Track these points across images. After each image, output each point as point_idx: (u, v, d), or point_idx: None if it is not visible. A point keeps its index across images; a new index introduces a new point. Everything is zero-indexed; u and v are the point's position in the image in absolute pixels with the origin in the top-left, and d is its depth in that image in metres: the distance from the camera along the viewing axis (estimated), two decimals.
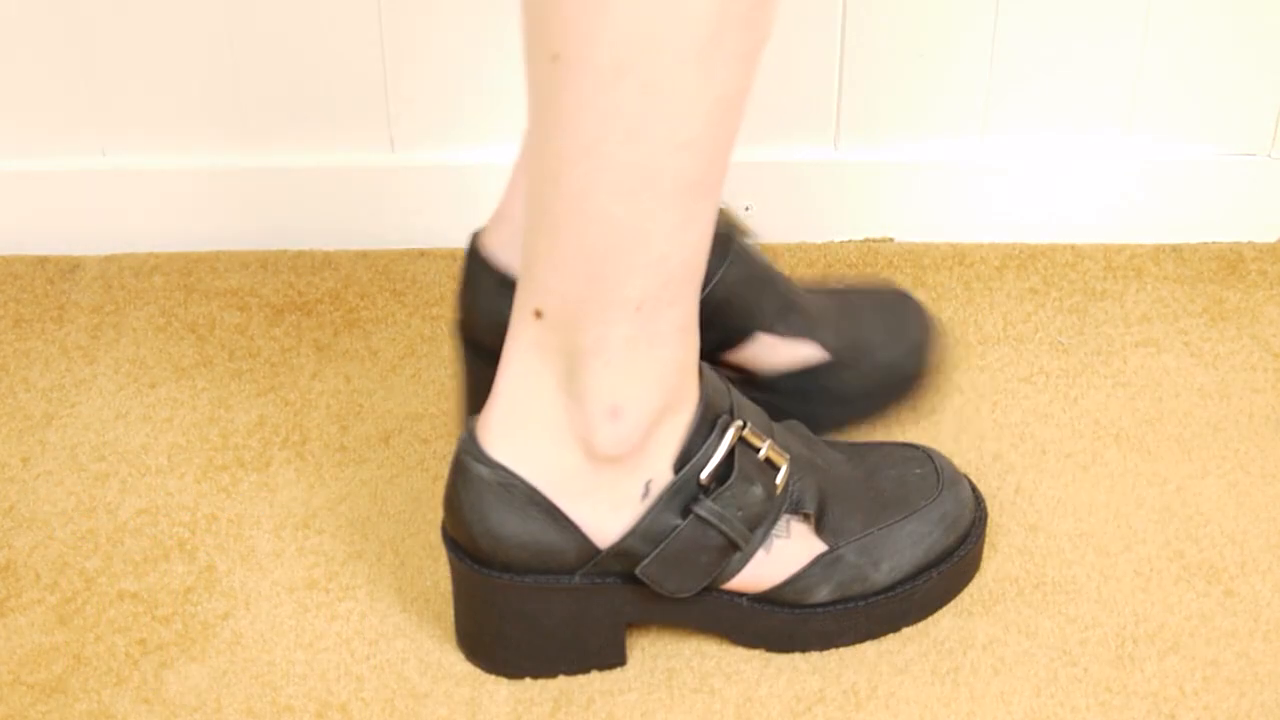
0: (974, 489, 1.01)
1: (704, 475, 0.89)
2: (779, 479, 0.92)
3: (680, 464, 0.90)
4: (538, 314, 0.85)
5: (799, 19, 0.99)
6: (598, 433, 0.87)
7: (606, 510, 0.90)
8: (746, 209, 1.27)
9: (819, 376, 1.06)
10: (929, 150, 1.27)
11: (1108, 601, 1.00)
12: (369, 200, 1.28)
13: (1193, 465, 1.09)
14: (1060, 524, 1.05)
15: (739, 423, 0.90)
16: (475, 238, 1.01)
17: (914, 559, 0.96)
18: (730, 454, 0.90)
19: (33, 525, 1.06)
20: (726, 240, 1.01)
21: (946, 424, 1.12)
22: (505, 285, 0.97)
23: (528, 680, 0.96)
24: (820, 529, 0.94)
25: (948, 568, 0.97)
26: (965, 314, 1.21)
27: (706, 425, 0.90)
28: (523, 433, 0.89)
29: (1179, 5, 1.21)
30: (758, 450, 0.91)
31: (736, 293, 1.02)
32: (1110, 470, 1.09)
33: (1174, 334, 1.19)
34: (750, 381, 1.05)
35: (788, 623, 0.95)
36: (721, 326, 1.02)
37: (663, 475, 0.90)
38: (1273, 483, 1.08)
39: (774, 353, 1.05)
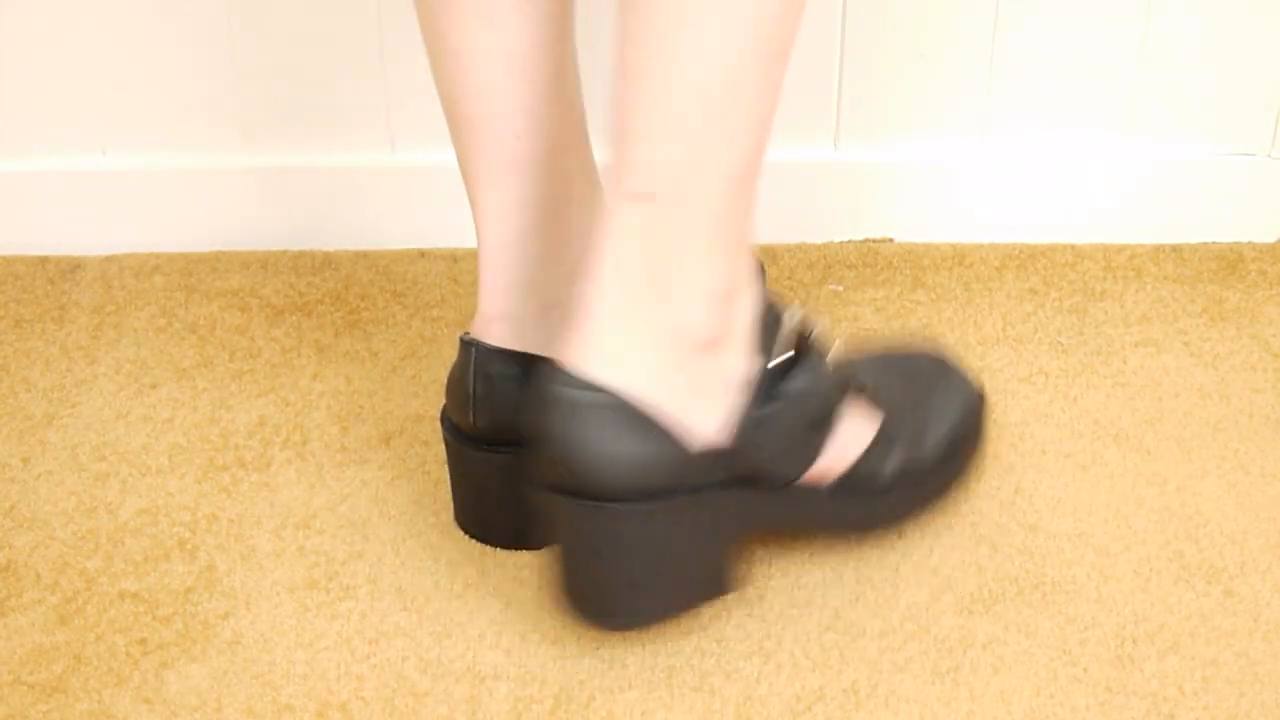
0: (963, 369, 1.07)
1: (784, 356, 0.91)
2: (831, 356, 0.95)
3: (756, 347, 0.91)
4: (646, 197, 0.84)
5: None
6: (704, 317, 0.87)
7: (702, 408, 0.90)
8: None
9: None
10: (929, 150, 1.27)
11: (1108, 601, 1.00)
12: (369, 200, 1.28)
13: (1192, 465, 1.09)
14: (1060, 524, 1.05)
15: (796, 302, 0.91)
16: (476, 342, 1.00)
17: (948, 432, 1.01)
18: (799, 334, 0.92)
19: (33, 525, 1.06)
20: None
21: None
22: (523, 366, 0.98)
23: (527, 679, 0.96)
24: (876, 400, 0.98)
25: (974, 437, 1.04)
26: (965, 314, 1.21)
27: (769, 306, 0.91)
28: (619, 342, 0.88)
29: (1179, 5, 1.21)
30: (810, 332, 0.93)
31: None
32: (1110, 470, 1.09)
33: (1174, 334, 1.19)
34: None
35: (864, 506, 0.98)
36: None
37: (742, 360, 0.90)
38: (1273, 483, 1.08)
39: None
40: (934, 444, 1.02)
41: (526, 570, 1.03)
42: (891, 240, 1.29)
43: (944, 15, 1.21)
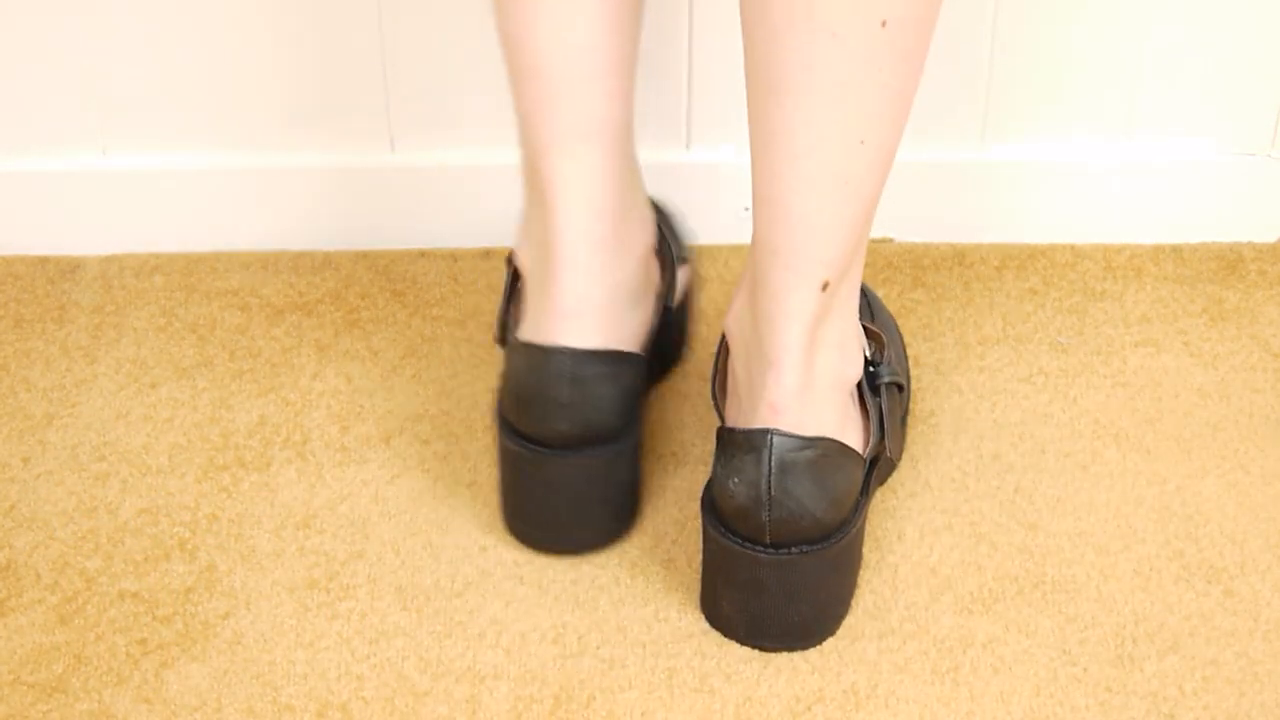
0: None
1: (870, 352, 1.00)
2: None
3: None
4: (825, 286, 0.92)
5: None
6: (859, 363, 0.98)
7: (857, 432, 0.98)
8: (746, 209, 1.27)
9: None
10: (929, 150, 1.27)
11: (1107, 601, 1.00)
12: (369, 200, 1.28)
13: (1192, 465, 1.09)
14: (1060, 523, 1.05)
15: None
16: (559, 346, 0.98)
17: (904, 373, 1.09)
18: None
19: (33, 525, 1.06)
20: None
21: (946, 424, 1.12)
22: (615, 365, 0.99)
23: (527, 679, 0.96)
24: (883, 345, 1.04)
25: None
26: (965, 314, 1.21)
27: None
28: (814, 398, 0.94)
29: (1179, 5, 1.21)
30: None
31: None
32: (1110, 470, 1.09)
33: (1173, 334, 1.19)
34: None
35: (885, 460, 1.03)
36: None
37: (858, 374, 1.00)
38: (1273, 483, 1.08)
39: None
40: (906, 392, 1.08)
41: (526, 570, 1.03)
42: (891, 240, 1.29)
43: (944, 16, 1.21)
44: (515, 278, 1.05)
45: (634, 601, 1.00)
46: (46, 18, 1.21)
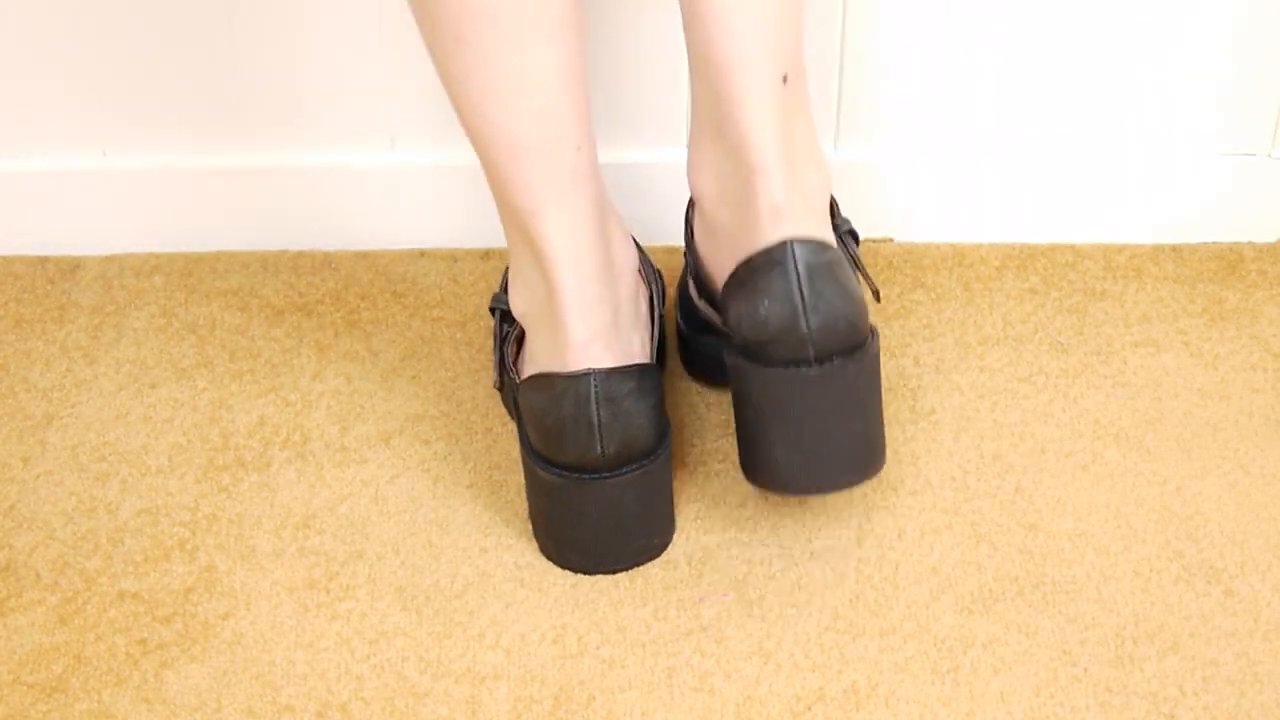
0: None
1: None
2: None
3: None
4: (785, 80, 0.94)
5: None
6: (826, 179, 1.00)
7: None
8: None
9: None
10: (929, 150, 1.27)
11: (1108, 601, 1.00)
12: (369, 200, 1.28)
13: (1192, 465, 1.09)
14: (1060, 524, 1.05)
15: None
16: (589, 371, 0.98)
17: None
18: None
19: (33, 525, 1.06)
20: None
21: (946, 424, 1.12)
22: (637, 378, 0.99)
23: (527, 679, 0.96)
24: None
25: None
26: (965, 314, 1.21)
27: None
28: (807, 204, 0.96)
29: (1179, 5, 1.21)
30: None
31: None
32: (1110, 470, 1.09)
33: (1173, 334, 1.19)
34: None
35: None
36: None
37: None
38: (1273, 483, 1.08)
39: None
40: None
41: (526, 571, 1.03)
42: (891, 240, 1.29)
43: (943, 16, 1.21)
44: (504, 321, 1.07)
45: (633, 601, 1.00)
46: (47, 18, 1.21)
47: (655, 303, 1.08)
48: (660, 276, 1.11)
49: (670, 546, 1.04)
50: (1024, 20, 1.21)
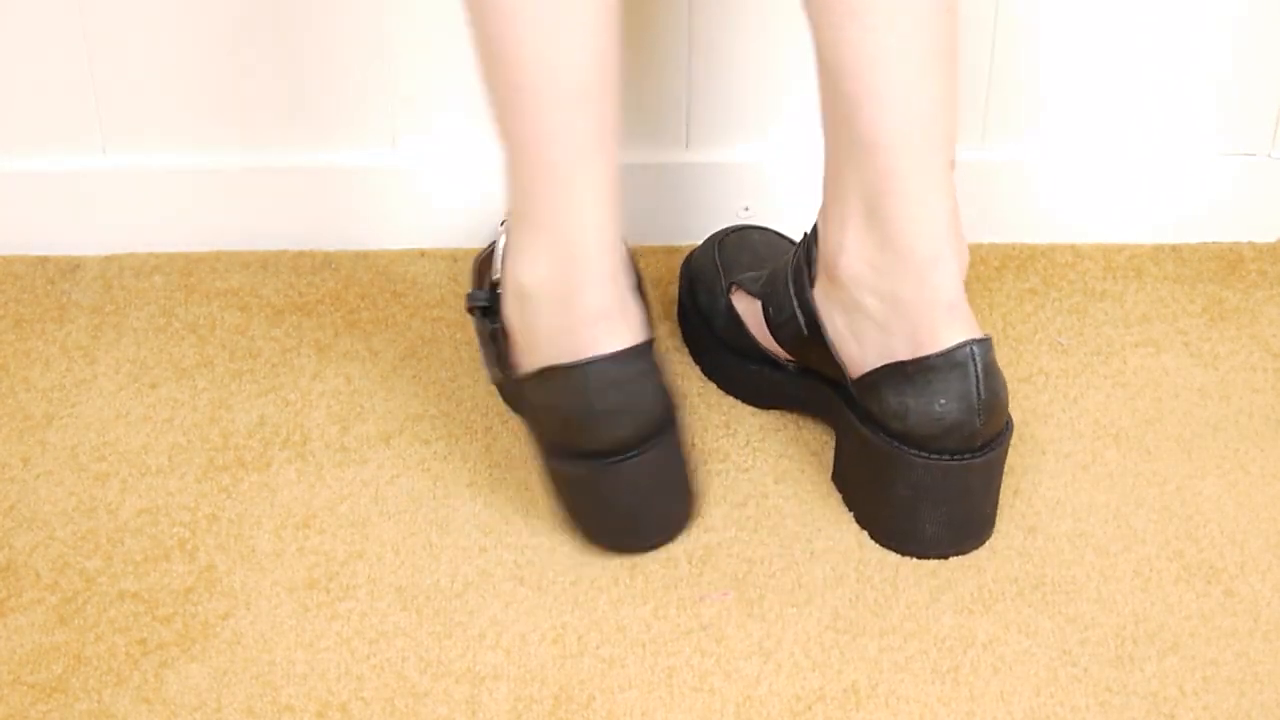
0: None
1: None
2: None
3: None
4: (952, 165, 0.96)
5: (799, 19, 0.99)
6: (967, 255, 1.02)
7: None
8: (746, 209, 1.27)
9: None
10: None
11: (1108, 601, 1.00)
12: (369, 200, 1.28)
13: (1193, 465, 1.09)
14: (1060, 524, 1.05)
15: None
16: (595, 357, 0.98)
17: None
18: None
19: (33, 525, 1.06)
20: None
21: None
22: (646, 356, 1.00)
23: (527, 679, 0.96)
24: None
25: None
26: None
27: None
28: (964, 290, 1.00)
29: (1180, 5, 1.21)
30: None
31: None
32: (1110, 470, 1.09)
33: (1173, 334, 1.19)
34: None
35: None
36: None
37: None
38: (1273, 483, 1.08)
39: None
40: None
41: (526, 570, 1.03)
42: None
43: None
44: (486, 316, 1.05)
45: (633, 601, 1.00)
46: (47, 17, 1.21)
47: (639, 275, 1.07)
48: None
49: (670, 545, 1.04)
50: (1024, 21, 1.21)
